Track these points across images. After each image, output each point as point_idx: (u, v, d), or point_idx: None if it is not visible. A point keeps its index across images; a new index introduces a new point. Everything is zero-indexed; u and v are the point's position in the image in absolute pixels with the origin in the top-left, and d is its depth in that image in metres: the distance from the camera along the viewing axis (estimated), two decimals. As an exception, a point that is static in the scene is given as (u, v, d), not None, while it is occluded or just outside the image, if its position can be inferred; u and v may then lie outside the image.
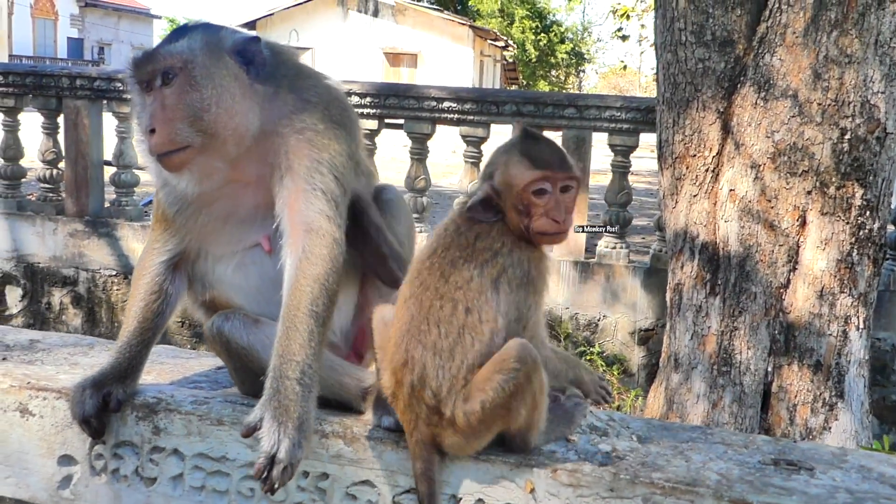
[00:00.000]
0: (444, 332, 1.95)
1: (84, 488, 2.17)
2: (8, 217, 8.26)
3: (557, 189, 2.04)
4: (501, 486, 1.87)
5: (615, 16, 21.83)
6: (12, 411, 2.19)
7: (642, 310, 7.11)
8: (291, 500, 2.02)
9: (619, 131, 7.05)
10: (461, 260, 2.03)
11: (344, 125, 2.25)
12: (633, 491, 1.77)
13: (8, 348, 2.44)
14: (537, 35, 48.62)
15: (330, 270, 2.11)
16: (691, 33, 5.42)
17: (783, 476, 1.78)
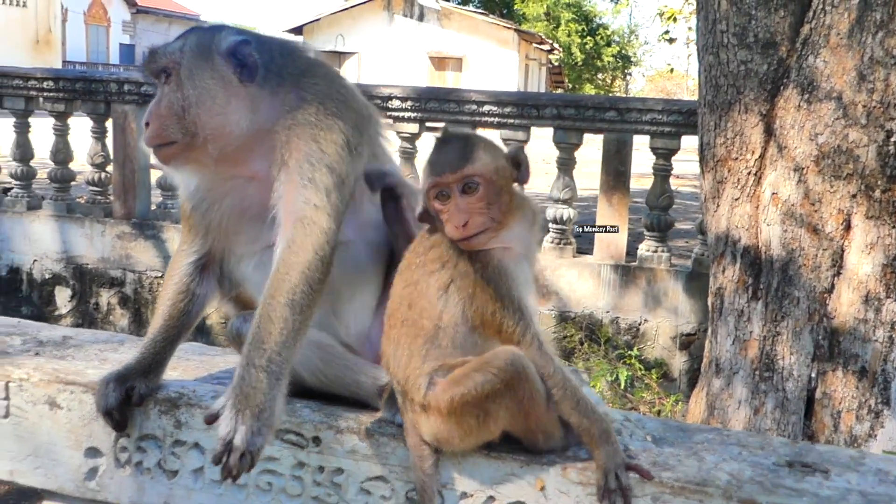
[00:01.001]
0: (398, 325, 2.01)
1: (109, 480, 2.23)
2: (58, 219, 8.45)
3: (456, 192, 1.99)
4: (512, 483, 1.88)
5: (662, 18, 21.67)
6: (41, 404, 2.25)
7: (684, 314, 7.05)
8: (308, 495, 2.05)
9: (661, 134, 7.00)
10: (414, 265, 2.08)
11: (342, 117, 2.26)
12: (642, 490, 1.78)
13: (41, 344, 2.51)
14: (583, 38, 48.41)
15: (313, 260, 2.11)
16: (733, 35, 5.36)
17: (796, 478, 1.77)
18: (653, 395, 6.88)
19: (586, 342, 7.18)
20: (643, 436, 1.96)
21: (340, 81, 2.41)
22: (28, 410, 2.28)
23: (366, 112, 2.41)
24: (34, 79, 8.37)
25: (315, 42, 38.43)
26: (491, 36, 37.04)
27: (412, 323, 2.02)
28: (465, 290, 2.00)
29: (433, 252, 2.06)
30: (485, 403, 1.90)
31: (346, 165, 2.21)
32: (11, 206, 8.64)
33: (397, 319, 2.07)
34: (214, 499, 2.13)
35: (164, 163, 2.29)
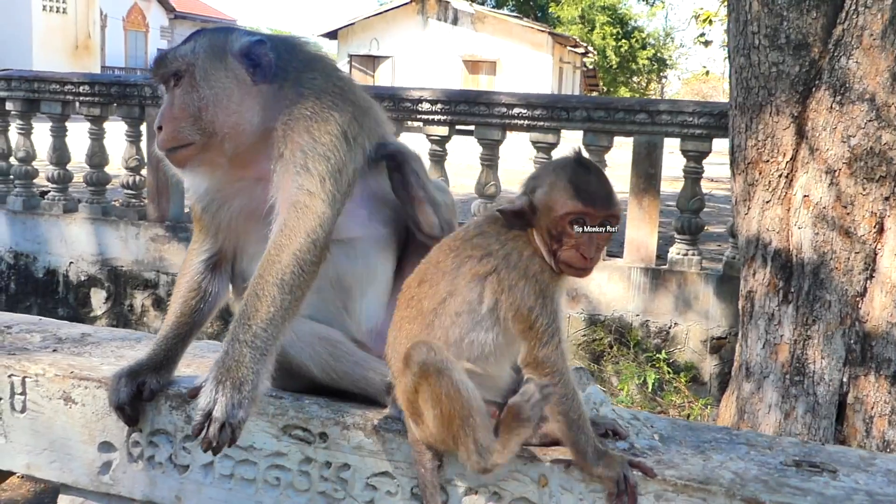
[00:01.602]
0: (404, 306, 2.02)
1: (122, 474, 2.26)
2: (93, 222, 8.57)
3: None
4: (516, 479, 1.89)
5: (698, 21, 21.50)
6: (57, 399, 2.30)
7: (715, 318, 6.99)
8: (315, 490, 2.07)
9: (692, 136, 6.95)
10: (449, 248, 2.09)
11: (338, 109, 2.27)
12: (644, 487, 1.78)
13: (60, 341, 2.56)
14: (618, 41, 48.15)
15: (305, 242, 2.12)
16: (765, 37, 5.32)
17: (802, 477, 1.76)
18: (682, 399, 6.83)
19: (615, 345, 7.14)
20: (650, 434, 1.95)
21: (338, 75, 2.42)
22: (44, 405, 2.32)
23: (364, 104, 2.41)
24: (71, 83, 8.50)
25: (349, 46, 38.62)
26: (525, 39, 36.97)
27: (416, 303, 2.04)
28: (508, 281, 1.99)
29: (479, 240, 2.06)
30: (415, 398, 1.91)
31: (342, 154, 2.22)
32: (48, 209, 8.78)
33: (405, 298, 2.08)
34: (224, 493, 2.16)
35: (180, 166, 2.31)
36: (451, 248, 2.09)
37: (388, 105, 7.44)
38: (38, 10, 32.00)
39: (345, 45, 38.96)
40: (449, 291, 2.01)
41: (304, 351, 2.22)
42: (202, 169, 2.33)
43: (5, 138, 9.08)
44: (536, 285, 1.99)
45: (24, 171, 8.92)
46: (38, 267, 8.85)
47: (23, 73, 9.18)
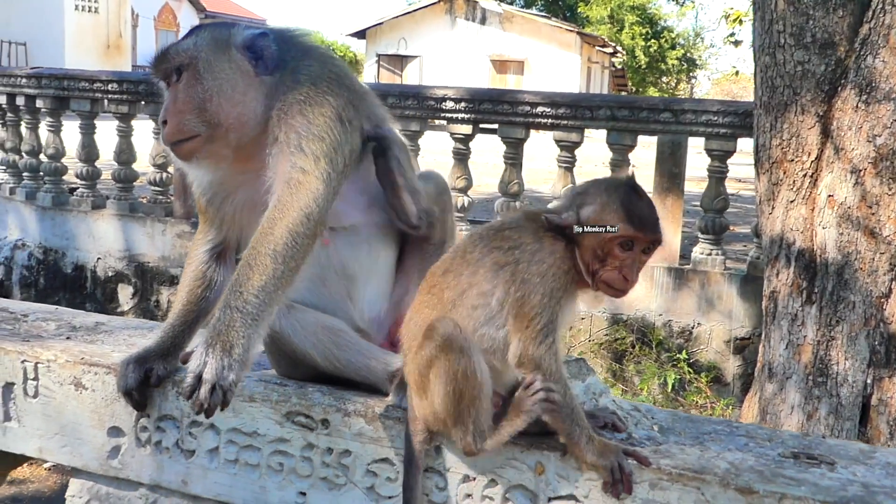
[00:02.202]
0: (425, 291, 2.03)
1: (130, 458, 2.31)
2: (121, 218, 8.67)
3: (640, 249, 2.05)
4: (513, 466, 1.91)
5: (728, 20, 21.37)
6: (68, 385, 2.35)
7: (738, 318, 6.95)
8: (317, 475, 2.11)
9: (716, 136, 6.91)
10: (478, 237, 2.10)
11: (333, 93, 2.29)
12: (640, 476, 1.79)
13: (74, 329, 2.62)
14: (647, 41, 47.88)
15: (298, 216, 2.14)
16: (790, 35, 5.28)
17: (799, 468, 1.77)
18: (704, 400, 6.79)
19: (637, 345, 7.12)
20: (650, 425, 1.96)
21: (333, 62, 2.43)
22: (55, 391, 2.37)
23: (360, 89, 2.43)
24: (100, 81, 8.60)
25: (377, 46, 38.74)
26: (553, 39, 36.90)
27: (438, 292, 2.05)
28: (524, 274, 2.01)
29: (512, 232, 2.08)
30: (428, 372, 1.92)
31: (337, 134, 2.23)
32: (77, 206, 8.90)
33: (428, 285, 2.10)
34: (229, 478, 2.20)
35: (185, 159, 2.34)
36: (481, 237, 2.10)
37: (412, 103, 7.48)
38: (70, 10, 32.38)
39: (373, 44, 39.08)
40: (469, 283, 2.02)
41: (307, 340, 2.25)
42: (207, 161, 2.35)
43: (35, 135, 9.21)
44: (551, 285, 2.00)
45: (53, 167, 9.04)
46: (66, 262, 8.97)
47: (53, 71, 9.31)
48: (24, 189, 9.26)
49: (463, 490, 1.96)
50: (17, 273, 9.26)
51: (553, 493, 1.88)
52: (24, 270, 9.21)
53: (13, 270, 9.31)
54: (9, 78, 9.24)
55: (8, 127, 9.54)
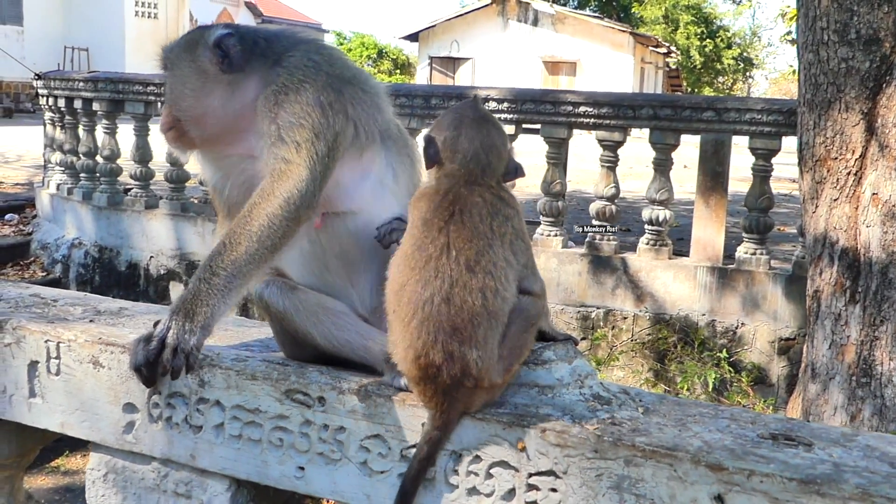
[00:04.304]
0: (477, 323, 1.97)
1: (143, 433, 2.41)
2: (173, 218, 8.87)
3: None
4: (495, 443, 1.97)
5: (784, 19, 21.08)
6: (86, 363, 2.47)
7: (783, 318, 6.87)
8: (314, 451, 2.19)
9: (760, 134, 6.84)
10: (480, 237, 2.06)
11: (311, 79, 2.35)
12: (615, 453, 1.83)
13: (98, 313, 2.75)
14: (702, 41, 47.35)
15: (278, 202, 2.22)
16: (834, 32, 5.23)
17: (773, 448, 1.79)
18: (747, 400, 6.74)
19: (680, 344, 7.08)
20: (635, 407, 2.00)
21: (318, 51, 2.47)
22: (75, 368, 2.50)
23: (346, 74, 2.45)
24: (153, 84, 8.81)
25: (430, 49, 38.91)
26: (606, 40, 36.71)
27: (496, 313, 2.06)
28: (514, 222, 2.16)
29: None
30: (525, 350, 2.09)
31: (317, 119, 2.29)
32: (131, 206, 9.13)
33: (465, 317, 2.06)
34: (233, 452, 2.29)
35: (172, 145, 2.54)
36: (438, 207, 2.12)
37: (455, 104, 7.51)
38: (130, 16, 33.14)
39: (425, 47, 39.27)
40: (479, 248, 2.05)
41: (308, 320, 2.32)
42: (186, 148, 2.53)
43: (92, 137, 9.46)
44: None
45: (109, 168, 9.28)
46: (120, 260, 9.20)
47: (108, 74, 9.56)
48: (81, 189, 9.52)
49: (450, 465, 2.03)
50: (74, 271, 9.53)
51: (534, 468, 1.95)
52: (81, 268, 9.46)
53: (70, 268, 9.57)
54: (67, 82, 9.52)
55: (66, 129, 9.82)
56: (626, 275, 7.28)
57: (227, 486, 2.36)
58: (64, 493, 6.62)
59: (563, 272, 7.35)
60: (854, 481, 1.69)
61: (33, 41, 29.65)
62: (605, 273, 7.33)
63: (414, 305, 1.97)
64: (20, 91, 28.54)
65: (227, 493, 2.36)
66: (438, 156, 2.10)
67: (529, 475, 1.95)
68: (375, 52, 50.12)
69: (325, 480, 2.20)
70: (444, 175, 2.09)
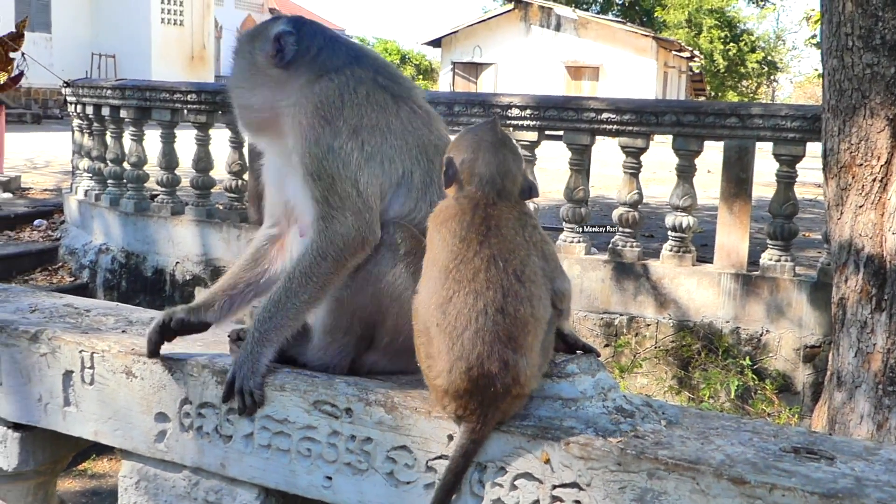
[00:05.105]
0: (520, 328, 2.02)
1: (175, 442, 2.47)
2: (198, 224, 8.95)
3: None
4: (520, 455, 1.99)
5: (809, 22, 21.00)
6: (120, 373, 2.53)
7: (808, 325, 6.84)
8: (342, 461, 2.22)
9: (785, 140, 6.83)
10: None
11: (346, 108, 2.39)
12: (638, 466, 1.85)
13: (130, 323, 2.81)
14: (726, 45, 47.11)
15: (312, 258, 2.38)
16: (858, 38, 5.22)
17: (795, 462, 1.80)
18: (772, 408, 6.71)
19: (704, 352, 7.06)
20: (657, 420, 2.02)
21: (371, 77, 2.46)
22: (109, 378, 2.56)
23: (391, 107, 2.44)
24: (179, 92, 8.91)
25: (452, 54, 38.97)
26: (628, 44, 36.62)
27: (537, 322, 2.14)
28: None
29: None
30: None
31: (347, 168, 2.34)
32: (157, 212, 9.22)
33: (520, 325, 2.10)
34: (262, 462, 2.34)
35: (237, 123, 2.72)
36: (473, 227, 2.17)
37: (479, 111, 7.55)
38: (157, 23, 33.41)
39: (448, 52, 39.34)
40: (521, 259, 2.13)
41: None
42: (248, 128, 2.65)
43: (119, 144, 9.56)
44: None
45: (136, 175, 9.38)
46: (147, 266, 9.29)
47: (136, 82, 9.68)
48: (108, 196, 9.61)
49: (475, 477, 2.06)
50: (101, 276, 9.63)
51: (558, 480, 1.97)
52: (108, 274, 9.57)
53: (97, 274, 9.68)
54: (95, 89, 9.64)
55: (94, 136, 9.93)
56: (650, 281, 7.27)
57: (256, 495, 2.40)
58: (91, 497, 6.70)
59: (587, 279, 7.35)
60: (875, 496, 1.70)
61: (61, 48, 29.97)
62: (628, 280, 7.32)
63: (466, 317, 2.00)
64: (48, 97, 28.87)
65: (256, 502, 2.40)
66: (457, 176, 2.14)
67: (553, 487, 1.97)
68: (398, 58, 50.34)
69: (351, 490, 2.24)
70: (463, 196, 2.13)
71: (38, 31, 28.94)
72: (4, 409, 2.79)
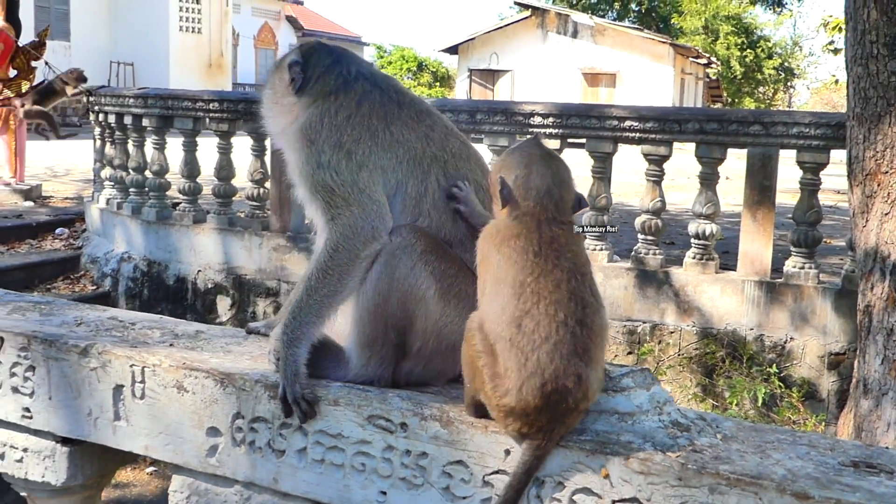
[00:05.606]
0: (595, 341, 2.03)
1: (227, 457, 2.48)
2: (220, 232, 8.98)
3: None
4: (578, 470, 1.99)
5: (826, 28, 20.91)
6: (171, 388, 2.55)
7: (833, 332, 6.81)
8: (397, 475, 2.23)
9: (808, 148, 6.81)
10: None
11: (341, 130, 2.50)
12: (699, 481, 1.84)
13: (176, 337, 2.83)
14: (743, 51, 46.96)
15: (325, 258, 2.48)
16: (884, 45, 5.21)
17: (857, 476, 1.80)
18: (797, 415, 6.68)
19: (728, 359, 7.04)
20: (714, 433, 2.02)
21: (356, 100, 2.55)
22: (160, 393, 2.57)
23: (379, 124, 2.53)
24: (201, 100, 8.95)
25: (469, 61, 39.04)
26: (645, 51, 36.59)
27: (602, 330, 2.16)
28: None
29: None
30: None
31: (340, 175, 2.45)
32: (179, 220, 9.25)
33: (593, 336, 2.11)
34: (316, 477, 2.34)
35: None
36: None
37: (501, 119, 7.57)
38: (175, 31, 33.63)
39: (465, 59, 39.42)
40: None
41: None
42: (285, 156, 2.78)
43: (141, 153, 9.62)
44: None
45: (157, 183, 9.42)
46: (169, 274, 9.33)
47: (158, 91, 9.73)
48: (130, 204, 9.65)
49: (533, 492, 2.06)
50: (123, 285, 9.68)
51: (617, 495, 1.96)
52: (130, 282, 9.61)
53: (119, 282, 9.73)
54: (117, 98, 9.70)
55: (116, 145, 9.98)
56: (673, 289, 7.26)
57: (309, 510, 2.41)
58: (116, 506, 6.74)
59: (609, 286, 7.35)
60: (940, 510, 1.69)
61: (80, 56, 30.10)
62: (651, 287, 7.32)
63: (546, 329, 1.99)
64: (67, 105, 29.07)
65: (309, 517, 2.42)
66: (512, 195, 2.15)
67: (613, 502, 1.97)
68: (415, 65, 50.39)
69: (407, 505, 2.26)
70: (521, 213, 2.14)
71: (57, 40, 29.13)
72: (53, 423, 2.80)
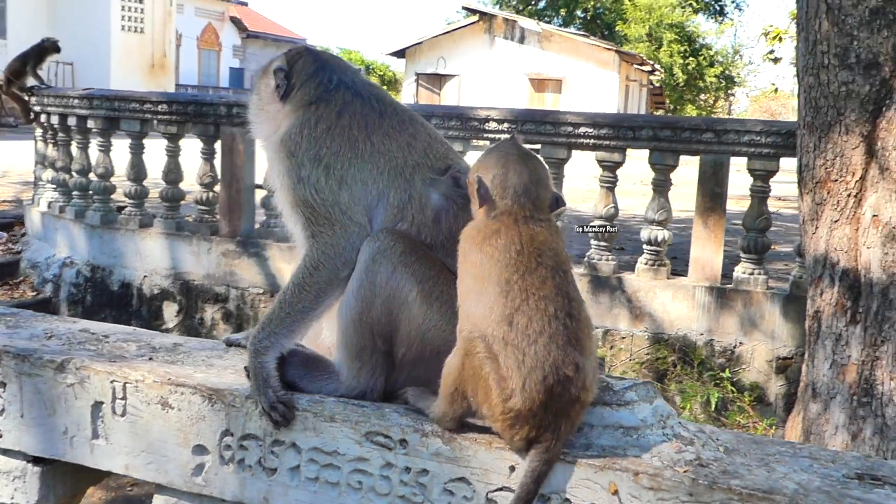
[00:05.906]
0: (585, 332, 2.05)
1: (214, 476, 2.40)
2: (167, 237, 8.81)
3: None
4: (586, 486, 1.97)
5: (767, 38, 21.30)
6: (154, 404, 2.46)
7: (781, 337, 6.93)
8: (395, 494, 2.18)
9: (759, 156, 6.93)
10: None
11: (320, 142, 2.49)
12: (711, 496, 1.84)
13: (154, 350, 2.73)
14: (685, 59, 47.76)
15: (303, 273, 2.49)
16: (835, 56, 5.30)
17: (864, 489, 1.81)
18: (747, 419, 6.77)
19: (679, 364, 7.12)
20: (715, 447, 2.02)
21: (336, 111, 2.54)
22: (142, 410, 2.48)
23: (360, 134, 2.52)
24: (149, 102, 8.78)
25: (416, 65, 39.04)
26: (591, 57, 36.97)
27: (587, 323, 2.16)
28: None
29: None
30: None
31: (327, 192, 2.43)
32: (125, 224, 9.05)
33: (583, 329, 2.13)
34: (309, 496, 2.28)
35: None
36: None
37: (456, 124, 7.56)
38: (116, 30, 33.01)
39: (412, 63, 39.42)
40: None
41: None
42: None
43: (85, 155, 9.40)
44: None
45: (102, 186, 9.21)
46: (113, 280, 9.12)
47: (104, 92, 9.51)
48: (73, 208, 9.42)
49: (539, 508, 2.03)
50: (65, 290, 9.44)
51: (626, 512, 1.94)
52: (72, 288, 9.38)
53: (61, 288, 9.49)
54: (61, 98, 9.47)
55: (59, 146, 9.75)
56: (625, 294, 7.32)
57: (302, 529, 2.34)
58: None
59: (562, 292, 7.36)
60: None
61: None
62: (604, 293, 7.36)
63: (539, 323, 2.00)
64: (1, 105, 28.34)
65: (302, 536, 2.35)
66: (489, 194, 2.14)
67: None
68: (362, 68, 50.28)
69: (406, 524, 2.20)
70: (499, 212, 2.13)
71: (-8, 37, 28.43)
72: (25, 442, 2.68)
